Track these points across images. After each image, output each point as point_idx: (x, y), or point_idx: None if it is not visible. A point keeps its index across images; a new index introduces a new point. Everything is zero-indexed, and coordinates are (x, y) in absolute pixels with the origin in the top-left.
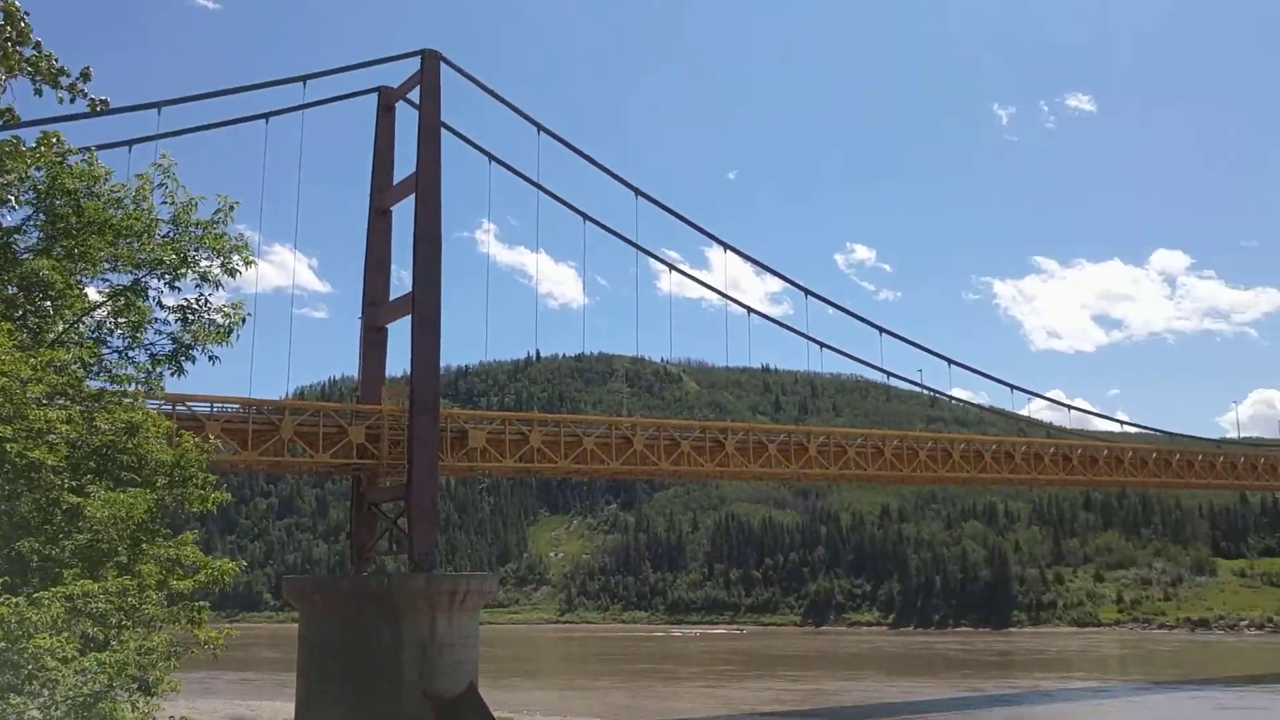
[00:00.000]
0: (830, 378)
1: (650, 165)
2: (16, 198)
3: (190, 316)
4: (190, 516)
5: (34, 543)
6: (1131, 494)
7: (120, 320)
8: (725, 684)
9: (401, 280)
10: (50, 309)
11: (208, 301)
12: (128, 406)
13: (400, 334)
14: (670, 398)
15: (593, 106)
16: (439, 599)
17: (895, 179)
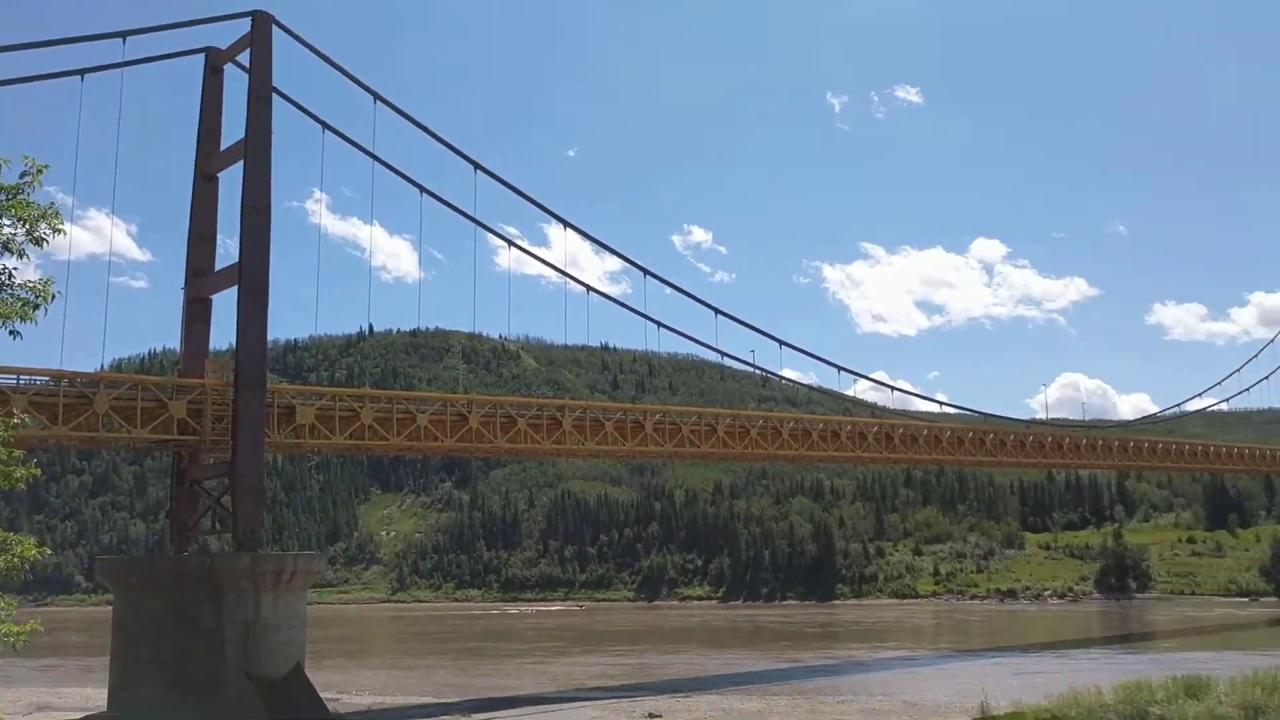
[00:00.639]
0: (667, 357)
1: (490, 140)
2: None
3: None
4: None
5: None
6: (949, 472)
7: None
8: (553, 660)
9: (228, 250)
10: None
11: (11, 274)
12: None
13: (226, 306)
14: (508, 375)
15: (432, 79)
16: (264, 579)
17: (732, 163)
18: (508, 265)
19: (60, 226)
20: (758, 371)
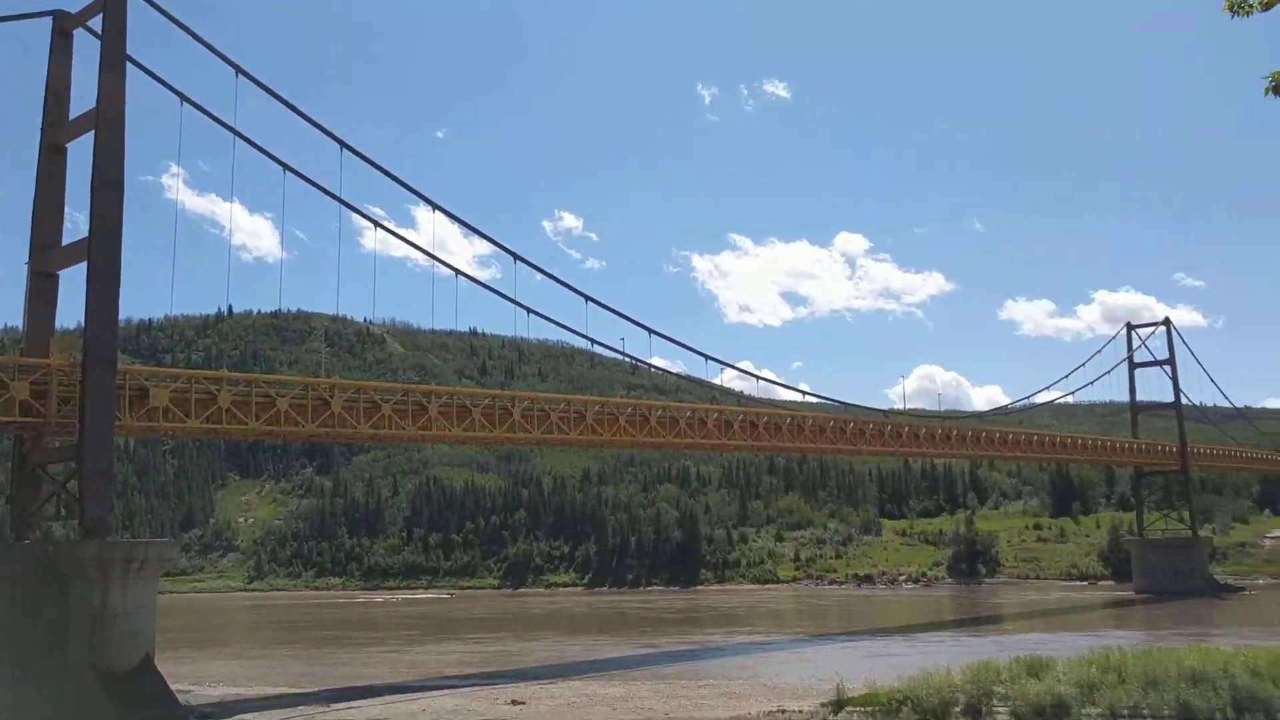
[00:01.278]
0: (537, 343)
1: (356, 118)
2: None
3: None
4: None
5: None
6: (810, 459)
7: None
8: (410, 649)
9: (76, 224)
10: None
11: None
12: None
13: (74, 283)
14: (373, 359)
15: (298, 54)
16: (112, 567)
17: (603, 149)
18: (373, 247)
19: None
20: (627, 359)
